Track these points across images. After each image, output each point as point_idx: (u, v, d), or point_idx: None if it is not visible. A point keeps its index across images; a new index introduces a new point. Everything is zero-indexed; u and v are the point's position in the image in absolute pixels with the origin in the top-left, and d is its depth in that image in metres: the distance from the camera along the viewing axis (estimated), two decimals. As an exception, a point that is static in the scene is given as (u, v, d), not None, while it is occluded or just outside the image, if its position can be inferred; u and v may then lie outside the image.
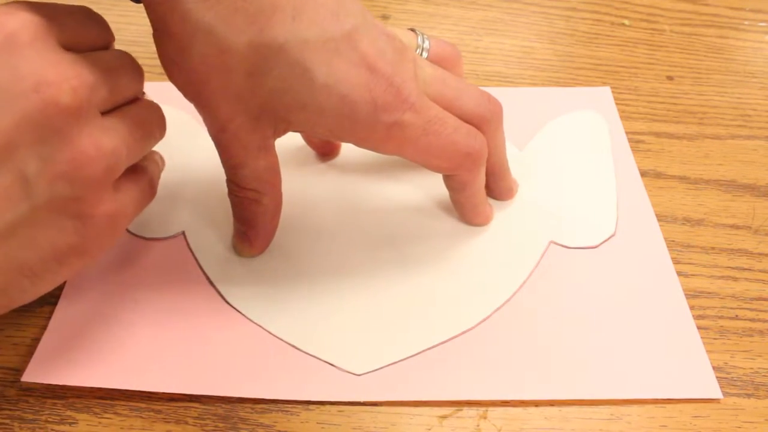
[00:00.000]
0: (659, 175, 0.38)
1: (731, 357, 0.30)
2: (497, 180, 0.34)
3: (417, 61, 0.29)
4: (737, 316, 0.32)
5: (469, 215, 0.34)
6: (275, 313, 0.31)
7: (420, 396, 0.28)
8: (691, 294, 0.32)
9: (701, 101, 0.43)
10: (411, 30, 0.33)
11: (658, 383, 0.29)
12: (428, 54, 0.32)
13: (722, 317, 0.32)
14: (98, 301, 0.31)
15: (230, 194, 0.31)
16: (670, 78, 0.45)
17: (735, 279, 0.33)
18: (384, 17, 0.48)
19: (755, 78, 0.45)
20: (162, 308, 0.31)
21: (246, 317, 0.30)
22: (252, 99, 0.27)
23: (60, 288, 0.31)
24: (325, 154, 0.38)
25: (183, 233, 0.34)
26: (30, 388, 0.28)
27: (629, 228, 0.35)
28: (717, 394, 0.29)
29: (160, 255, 0.33)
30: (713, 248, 0.35)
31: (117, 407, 0.28)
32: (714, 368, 0.29)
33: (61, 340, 0.29)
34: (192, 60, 0.25)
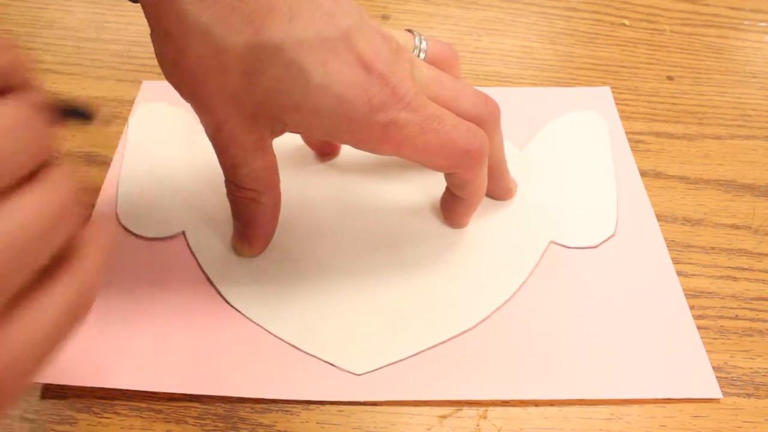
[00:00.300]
0: (659, 175, 0.38)
1: (731, 357, 0.30)
2: (496, 180, 0.34)
3: (414, 62, 0.29)
4: (737, 316, 0.32)
5: (464, 215, 0.34)
6: (275, 313, 0.31)
7: (420, 396, 0.28)
8: (691, 294, 0.32)
9: (701, 101, 0.43)
10: (408, 31, 0.33)
11: (658, 383, 0.29)
12: (425, 55, 0.32)
13: (722, 317, 0.32)
14: (98, 301, 0.31)
15: (229, 194, 0.31)
16: (670, 78, 0.45)
17: (735, 279, 0.33)
18: (384, 17, 0.48)
19: (755, 78, 0.45)
20: (162, 308, 0.31)
21: (246, 317, 0.30)
22: (248, 99, 0.26)
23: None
24: (325, 155, 0.38)
25: (183, 233, 0.34)
26: (30, 388, 0.28)
27: (629, 228, 0.35)
28: (717, 394, 0.29)
29: (160, 255, 0.33)
30: (713, 248, 0.35)
31: (117, 407, 0.28)
32: (714, 368, 0.29)
33: (61, 340, 0.29)
34: (188, 60, 0.25)
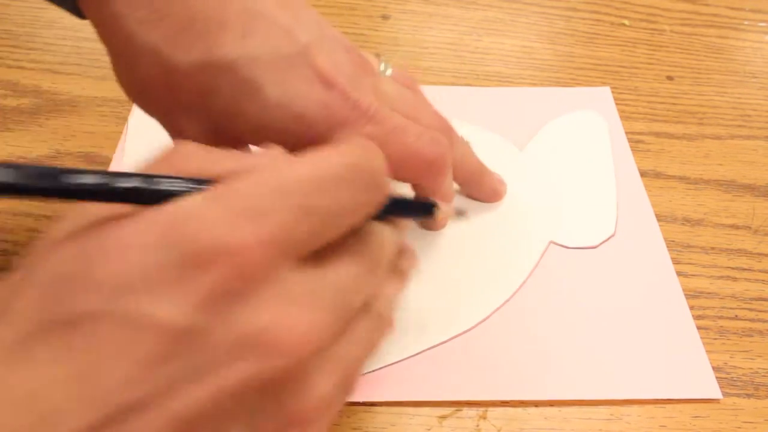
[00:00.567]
0: (659, 175, 0.38)
1: (731, 357, 0.30)
2: (477, 185, 0.34)
3: (377, 76, 0.28)
4: (737, 317, 0.32)
5: (439, 220, 0.33)
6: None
7: (420, 396, 0.28)
8: (691, 294, 0.32)
9: (701, 101, 0.43)
10: (376, 56, 0.32)
11: (658, 383, 0.29)
12: None
13: (722, 317, 0.32)
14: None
15: None
16: (670, 78, 0.45)
17: (735, 279, 0.33)
18: (384, 17, 0.48)
19: (755, 78, 0.45)
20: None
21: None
22: (207, 118, 0.25)
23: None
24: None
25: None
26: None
27: (629, 228, 0.35)
28: (717, 394, 0.29)
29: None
30: (713, 248, 0.35)
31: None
32: (714, 368, 0.29)
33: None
34: (141, 78, 0.25)
